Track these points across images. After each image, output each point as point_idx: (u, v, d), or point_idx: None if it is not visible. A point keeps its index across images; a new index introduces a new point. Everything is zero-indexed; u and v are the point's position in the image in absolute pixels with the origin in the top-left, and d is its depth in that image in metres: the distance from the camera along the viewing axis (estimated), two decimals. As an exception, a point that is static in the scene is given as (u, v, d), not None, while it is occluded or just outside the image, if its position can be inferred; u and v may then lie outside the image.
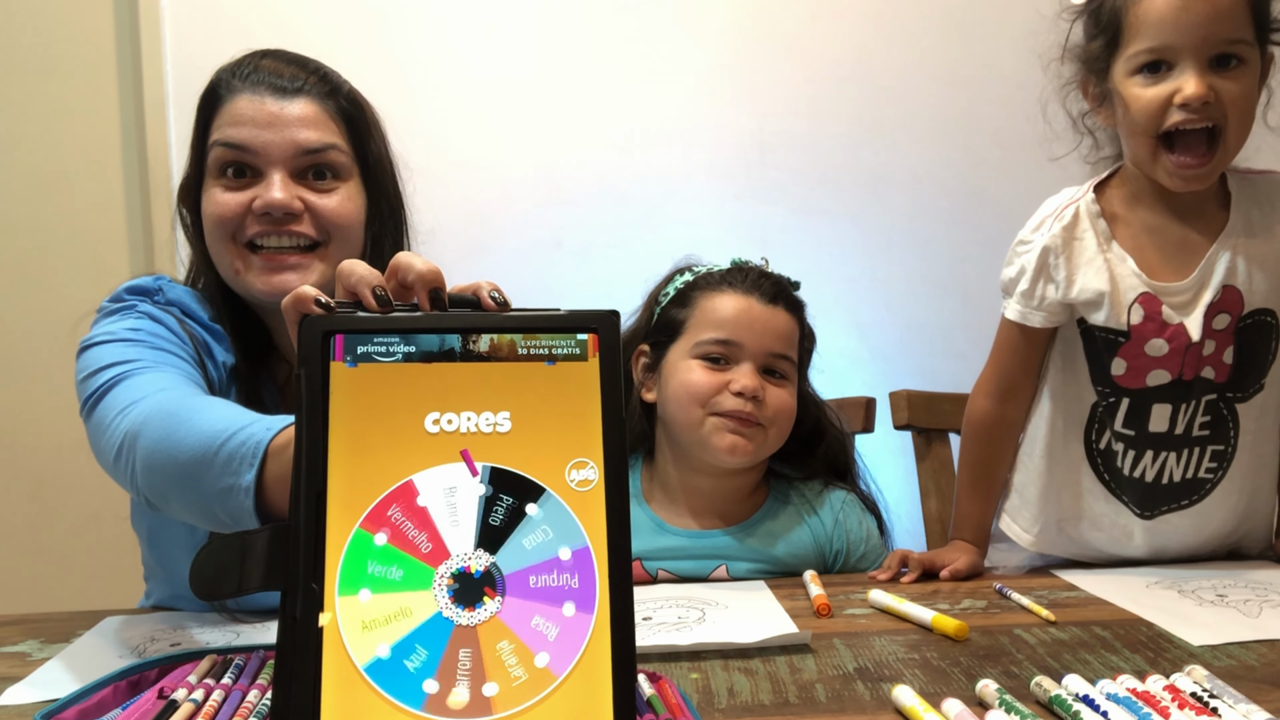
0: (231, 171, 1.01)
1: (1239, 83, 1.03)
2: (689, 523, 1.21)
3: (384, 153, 1.10)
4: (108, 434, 0.86)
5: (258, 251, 1.01)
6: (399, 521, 0.54)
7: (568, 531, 0.56)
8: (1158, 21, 1.03)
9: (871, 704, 0.72)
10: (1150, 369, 1.14)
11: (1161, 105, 1.04)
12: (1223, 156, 1.06)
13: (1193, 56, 1.02)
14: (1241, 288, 1.12)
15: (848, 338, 1.26)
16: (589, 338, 0.59)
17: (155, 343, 0.97)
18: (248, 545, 0.54)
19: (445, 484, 0.55)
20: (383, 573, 0.54)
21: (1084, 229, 1.15)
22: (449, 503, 0.55)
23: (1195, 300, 1.12)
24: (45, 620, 1.01)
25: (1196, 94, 1.01)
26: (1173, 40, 1.03)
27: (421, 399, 0.56)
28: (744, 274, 1.20)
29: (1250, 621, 0.89)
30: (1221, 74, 1.03)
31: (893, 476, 1.34)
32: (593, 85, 1.97)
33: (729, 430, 1.14)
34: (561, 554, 0.55)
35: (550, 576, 0.55)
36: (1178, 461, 1.16)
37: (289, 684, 0.51)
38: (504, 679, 0.53)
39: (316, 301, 0.59)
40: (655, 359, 1.22)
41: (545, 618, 0.54)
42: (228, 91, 1.02)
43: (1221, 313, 1.12)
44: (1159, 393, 1.14)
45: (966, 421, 1.24)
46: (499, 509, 0.56)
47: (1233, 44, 1.02)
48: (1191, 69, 1.02)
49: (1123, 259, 1.13)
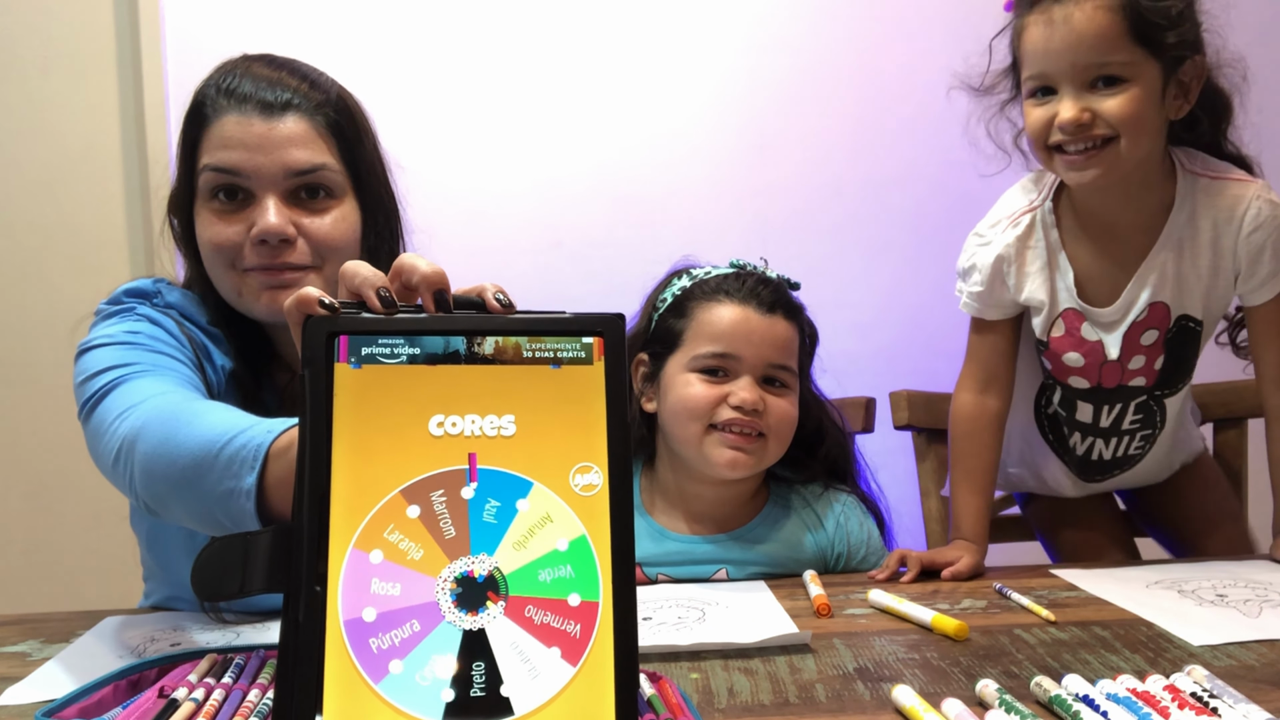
0: (223, 195, 0.99)
1: (1121, 99, 1.07)
2: (689, 529, 1.21)
3: (375, 158, 1.08)
4: (106, 438, 0.86)
5: (255, 271, 1.00)
6: (385, 544, 0.54)
7: (555, 515, 0.56)
8: (1033, 52, 1.10)
9: (871, 704, 0.72)
10: (1069, 374, 1.23)
11: (1046, 126, 1.11)
12: (1113, 159, 1.09)
13: (1068, 82, 1.08)
14: (1169, 301, 1.17)
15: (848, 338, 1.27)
16: (594, 341, 0.58)
17: (154, 346, 0.97)
18: (250, 546, 0.54)
19: (449, 488, 0.55)
20: (387, 572, 0.53)
21: (1037, 238, 1.20)
22: (429, 514, 0.55)
23: (1120, 320, 1.18)
24: (45, 620, 1.01)
25: (1069, 119, 1.07)
26: (1047, 68, 1.09)
27: (426, 401, 0.56)
28: (741, 280, 1.18)
29: (1250, 621, 0.89)
30: (1103, 93, 1.07)
31: (893, 476, 1.34)
32: (593, 84, 1.97)
33: (729, 445, 1.13)
34: (565, 561, 0.55)
35: (553, 583, 0.55)
36: (1106, 446, 1.27)
37: (291, 686, 0.51)
38: (519, 677, 0.52)
39: (320, 302, 0.58)
40: (654, 369, 1.20)
41: (546, 624, 0.54)
42: (214, 110, 0.99)
43: (1149, 329, 1.18)
44: (1081, 394, 1.23)
45: (952, 418, 1.29)
46: (503, 513, 0.55)
47: (1104, 66, 1.07)
48: (1069, 93, 1.08)
49: (1065, 273, 1.19)
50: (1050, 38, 1.08)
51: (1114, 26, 1.06)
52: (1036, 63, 1.10)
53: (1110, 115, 1.07)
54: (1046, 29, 1.08)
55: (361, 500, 0.54)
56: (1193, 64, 1.10)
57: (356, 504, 0.54)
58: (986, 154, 1.24)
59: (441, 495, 0.55)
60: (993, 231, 1.22)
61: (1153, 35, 1.06)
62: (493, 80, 1.96)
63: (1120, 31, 1.06)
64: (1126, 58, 1.06)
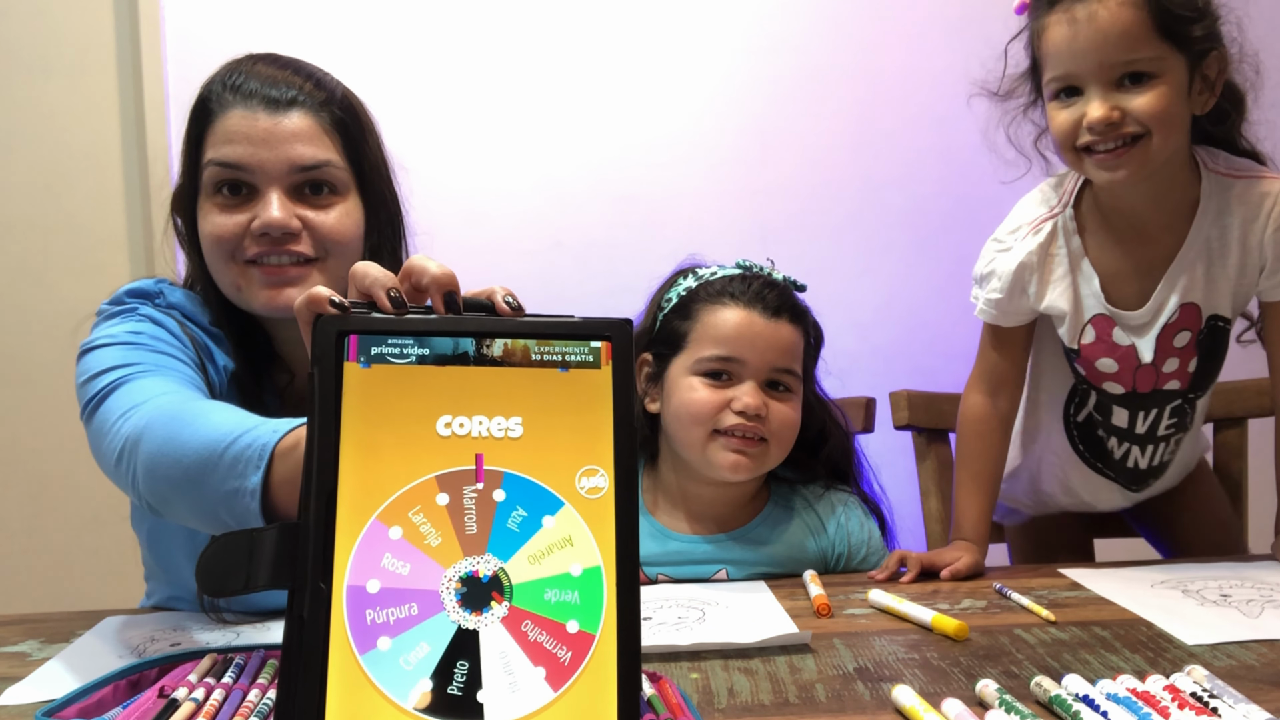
0: (227, 189, 0.99)
1: (1150, 95, 1.05)
2: (690, 528, 1.21)
3: (379, 157, 1.08)
4: (108, 438, 0.86)
5: (257, 265, 1.00)
6: (407, 523, 0.54)
7: (577, 540, 0.56)
8: (1056, 52, 1.08)
9: (871, 704, 0.72)
10: (1104, 379, 1.21)
11: (1073, 127, 1.09)
12: (1144, 156, 1.07)
13: (1095, 80, 1.06)
14: (1200, 301, 1.16)
15: (848, 338, 1.27)
16: (602, 345, 0.58)
17: (156, 346, 0.97)
18: (256, 543, 0.54)
19: (455, 487, 0.55)
20: (392, 571, 0.54)
21: (1059, 246, 1.18)
22: (458, 506, 0.55)
23: (1152, 323, 1.16)
24: (45, 620, 1.01)
25: (1099, 118, 1.05)
26: (1072, 68, 1.07)
27: (434, 401, 0.56)
28: (747, 283, 1.17)
29: (1250, 622, 0.89)
30: (1132, 90, 1.05)
31: (893, 476, 1.34)
32: (593, 84, 1.97)
33: (731, 450, 1.13)
34: (570, 563, 0.55)
35: (558, 585, 0.55)
36: (1142, 453, 1.25)
37: (294, 683, 0.51)
38: (499, 687, 0.52)
39: (331, 302, 0.59)
40: (658, 370, 1.20)
41: (550, 626, 0.54)
42: (219, 106, 0.99)
43: (1181, 330, 1.16)
44: (1116, 399, 1.22)
45: (960, 419, 1.27)
46: (507, 514, 0.56)
47: (1132, 63, 1.05)
48: (1097, 93, 1.06)
49: (1090, 279, 1.17)
50: (1075, 37, 1.05)
51: (1140, 23, 1.04)
52: (1061, 63, 1.07)
53: (1140, 112, 1.05)
54: (1070, 28, 1.06)
55: (368, 498, 0.54)
56: (1217, 57, 1.09)
57: (363, 502, 0.54)
58: (1007, 159, 1.22)
59: (473, 491, 0.55)
60: (1013, 238, 1.20)
61: (1178, 29, 1.05)
62: (493, 81, 1.96)
63: (1146, 27, 1.04)
64: (1153, 53, 1.04)
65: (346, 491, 0.54)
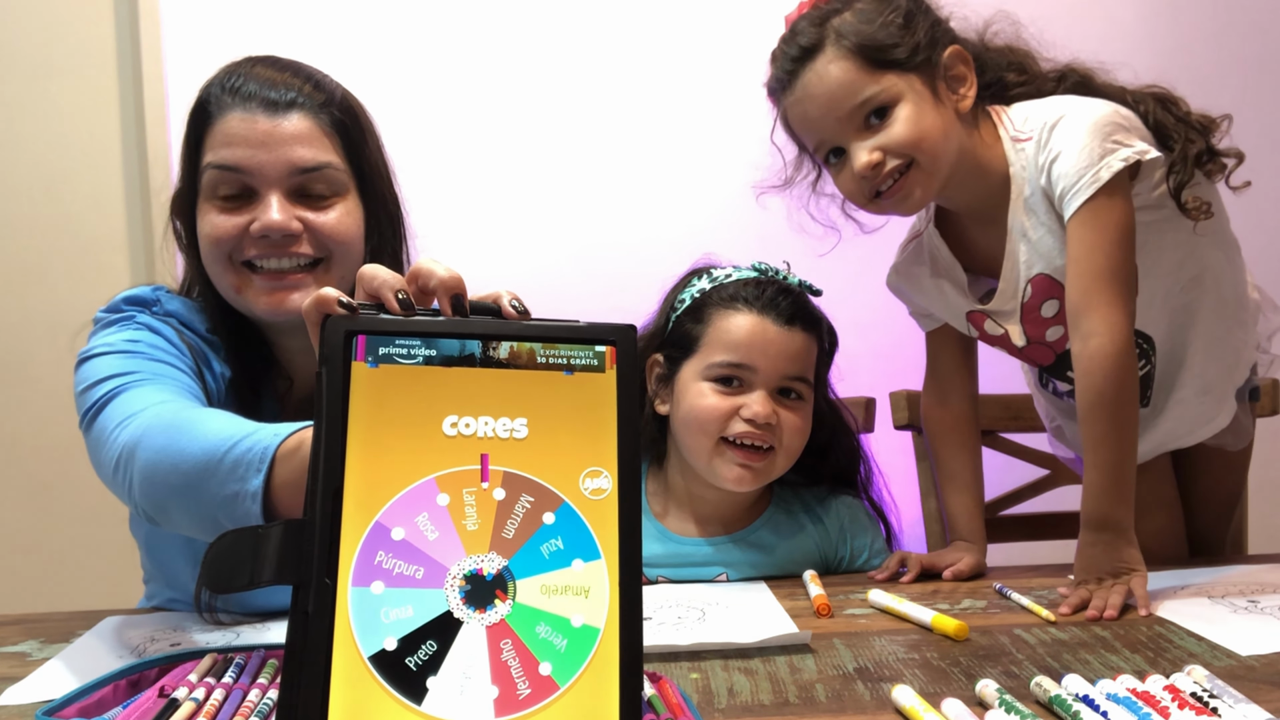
0: (226, 191, 0.99)
1: (897, 124, 1.06)
2: (692, 530, 1.21)
3: (379, 159, 1.08)
4: (106, 447, 0.86)
5: (256, 271, 1.00)
6: (412, 522, 0.55)
7: (580, 540, 0.56)
8: (803, 127, 1.13)
9: (871, 704, 0.72)
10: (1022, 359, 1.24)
11: (856, 181, 1.11)
12: (923, 177, 1.07)
13: (844, 134, 1.09)
14: (1046, 269, 1.12)
15: (848, 338, 1.27)
16: (607, 350, 0.59)
17: (154, 354, 0.96)
18: (261, 540, 0.54)
19: (461, 487, 0.56)
20: (396, 568, 0.54)
21: (923, 259, 1.24)
22: (463, 505, 0.56)
23: (1015, 308, 1.16)
24: (45, 620, 1.01)
25: (863, 165, 1.07)
26: (823, 135, 1.11)
27: (440, 402, 0.57)
28: (761, 289, 1.16)
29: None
30: (881, 127, 1.07)
31: (893, 476, 1.34)
32: (593, 84, 1.97)
33: (736, 463, 1.13)
34: (573, 563, 0.56)
35: (560, 585, 0.55)
36: None
37: (298, 680, 0.51)
38: (506, 683, 0.53)
39: (340, 302, 0.59)
40: (669, 372, 1.19)
41: (552, 626, 0.54)
42: (218, 108, 0.99)
43: (1047, 300, 1.14)
44: (1046, 369, 1.24)
45: (923, 426, 1.31)
46: (513, 514, 0.56)
47: (865, 104, 1.06)
48: (852, 144, 1.08)
49: (960, 280, 1.20)
50: (808, 110, 1.09)
51: (851, 69, 1.05)
52: (812, 133, 1.11)
53: (896, 143, 1.05)
54: (801, 105, 1.09)
55: (374, 497, 0.55)
56: (951, 55, 1.09)
57: (369, 500, 0.55)
58: (816, 235, 1.24)
59: (478, 490, 0.56)
60: (899, 256, 1.28)
61: (888, 57, 1.05)
62: (494, 82, 1.96)
63: (858, 69, 1.05)
64: (878, 87, 1.05)
65: (352, 489, 0.54)
